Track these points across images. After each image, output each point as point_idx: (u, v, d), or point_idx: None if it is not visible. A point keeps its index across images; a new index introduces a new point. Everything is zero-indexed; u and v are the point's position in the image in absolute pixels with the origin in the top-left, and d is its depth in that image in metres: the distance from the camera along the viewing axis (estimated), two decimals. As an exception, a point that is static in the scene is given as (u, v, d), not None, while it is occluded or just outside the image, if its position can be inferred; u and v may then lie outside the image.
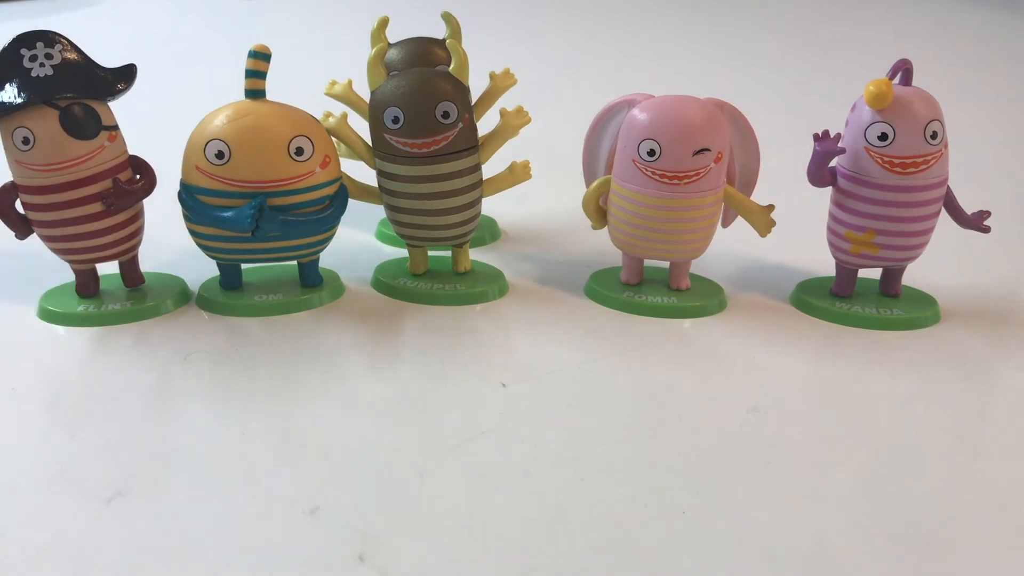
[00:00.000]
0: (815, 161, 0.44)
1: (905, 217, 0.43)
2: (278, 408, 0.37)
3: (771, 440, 0.36)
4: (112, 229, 0.42)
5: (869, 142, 0.43)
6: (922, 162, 0.42)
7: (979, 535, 0.31)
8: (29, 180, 0.40)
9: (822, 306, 0.46)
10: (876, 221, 0.44)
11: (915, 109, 0.42)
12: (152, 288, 0.45)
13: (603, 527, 0.31)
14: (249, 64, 0.42)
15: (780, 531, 0.31)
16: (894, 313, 0.45)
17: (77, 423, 0.35)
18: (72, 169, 0.40)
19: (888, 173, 0.43)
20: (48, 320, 0.43)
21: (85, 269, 0.43)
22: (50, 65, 0.39)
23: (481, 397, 0.38)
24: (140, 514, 0.30)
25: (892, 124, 0.42)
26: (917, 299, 0.47)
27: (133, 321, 0.43)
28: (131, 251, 0.44)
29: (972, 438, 0.37)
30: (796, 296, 0.47)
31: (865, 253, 0.45)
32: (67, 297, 0.44)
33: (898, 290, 0.47)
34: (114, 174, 0.41)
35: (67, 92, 0.40)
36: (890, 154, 0.42)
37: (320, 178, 0.42)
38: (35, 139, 0.39)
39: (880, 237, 0.44)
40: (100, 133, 0.40)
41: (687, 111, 0.43)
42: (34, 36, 0.40)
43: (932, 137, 0.42)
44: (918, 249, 0.45)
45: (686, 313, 0.46)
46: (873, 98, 0.42)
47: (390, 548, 0.29)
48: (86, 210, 0.41)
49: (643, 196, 0.44)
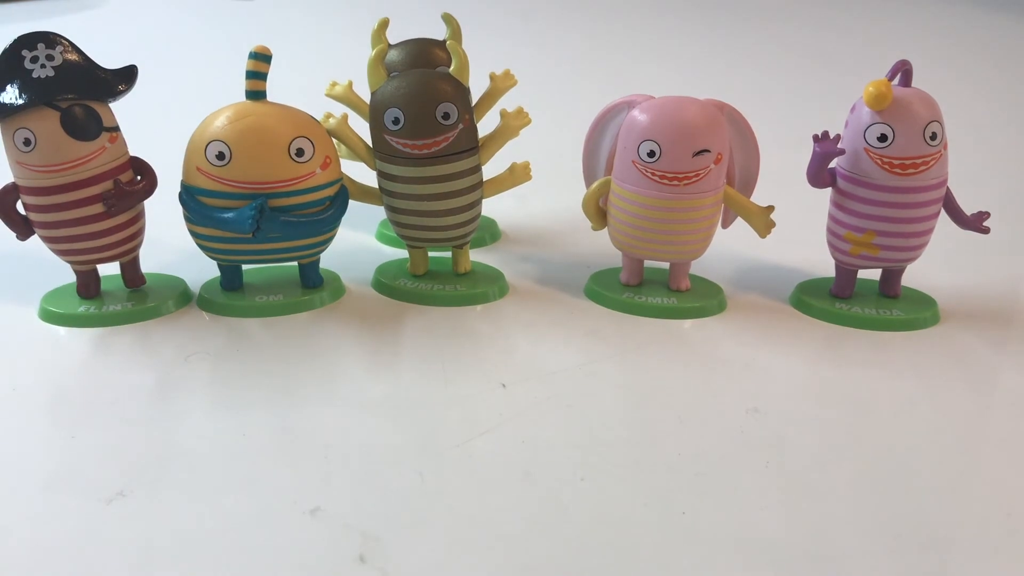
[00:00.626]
0: (815, 162, 0.44)
1: (904, 218, 0.43)
2: (279, 409, 0.37)
3: (771, 441, 0.36)
4: (113, 230, 0.42)
5: (868, 143, 0.43)
6: (921, 163, 0.42)
7: (979, 536, 0.31)
8: (30, 181, 0.40)
9: (821, 307, 0.46)
10: (875, 222, 0.44)
11: (914, 110, 0.42)
12: (153, 289, 0.45)
13: (603, 528, 0.31)
14: (249, 65, 0.42)
15: (780, 531, 0.31)
16: (893, 314, 0.45)
17: (77, 424, 0.35)
18: (73, 170, 0.40)
19: (887, 174, 0.43)
20: (49, 321, 0.43)
21: (86, 270, 0.43)
22: (51, 66, 0.39)
23: (481, 398, 0.38)
24: (141, 515, 0.30)
25: (891, 125, 0.42)
26: (916, 300, 0.47)
27: (134, 322, 0.43)
28: (132, 252, 0.44)
29: (972, 439, 0.37)
30: (796, 297, 0.47)
31: (864, 254, 0.45)
32: (68, 298, 0.44)
33: (898, 291, 0.47)
34: (115, 175, 0.41)
35: (68, 93, 0.40)
36: (889, 155, 0.42)
37: (321, 179, 0.43)
38: (36, 140, 0.39)
39: (879, 238, 0.44)
40: (101, 134, 0.40)
41: (687, 112, 0.43)
42: (35, 37, 0.40)
43: (931, 138, 0.42)
44: (918, 250, 0.45)
45: (686, 314, 0.46)
46: (872, 99, 0.42)
47: (390, 548, 0.29)
48: (87, 211, 0.41)
49: (643, 197, 0.44)
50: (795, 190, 0.48)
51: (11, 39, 0.40)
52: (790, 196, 0.48)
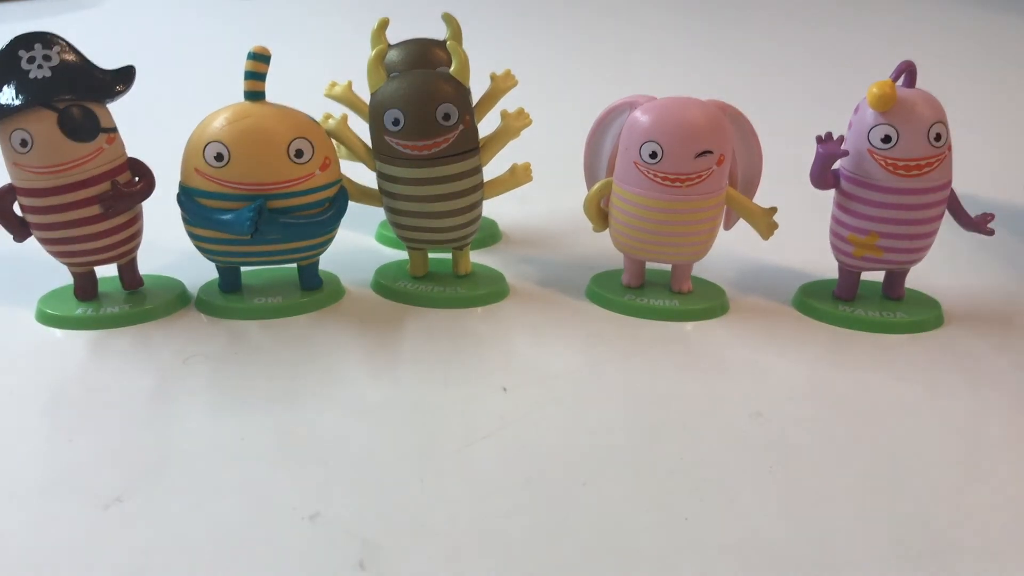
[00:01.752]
0: (818, 163, 0.44)
1: (908, 220, 0.43)
2: (277, 412, 0.37)
3: (774, 445, 0.36)
4: (110, 232, 0.42)
5: (872, 144, 0.42)
6: (925, 164, 0.42)
7: (984, 539, 0.31)
8: (27, 182, 0.40)
9: (825, 309, 0.46)
10: (879, 224, 0.43)
11: (919, 111, 0.42)
12: (151, 291, 0.45)
13: (605, 532, 0.30)
14: (248, 66, 0.42)
15: (784, 536, 0.31)
16: (897, 316, 0.45)
17: (75, 427, 0.35)
18: (70, 171, 0.40)
19: (891, 176, 0.42)
20: (46, 323, 0.43)
21: (83, 272, 0.43)
22: (48, 67, 0.39)
23: (482, 401, 0.38)
24: (139, 520, 0.30)
25: (895, 126, 0.42)
26: (920, 302, 0.47)
27: (132, 324, 0.43)
28: (130, 254, 0.44)
29: (976, 442, 0.37)
30: (799, 299, 0.47)
31: (868, 256, 0.44)
32: (65, 300, 0.43)
33: (901, 293, 0.46)
34: (113, 176, 0.41)
35: (65, 94, 0.39)
36: (893, 156, 0.42)
37: (320, 180, 0.42)
38: (33, 141, 0.39)
39: (883, 240, 0.44)
40: (99, 135, 0.40)
41: (689, 113, 0.42)
42: (32, 37, 0.39)
43: (936, 139, 0.42)
44: (921, 252, 0.45)
45: (688, 316, 0.45)
46: (877, 100, 0.42)
47: (390, 554, 0.29)
48: (84, 212, 0.41)
49: (645, 199, 0.44)
50: (798, 191, 0.47)
51: (8, 39, 0.39)
52: (793, 197, 0.48)
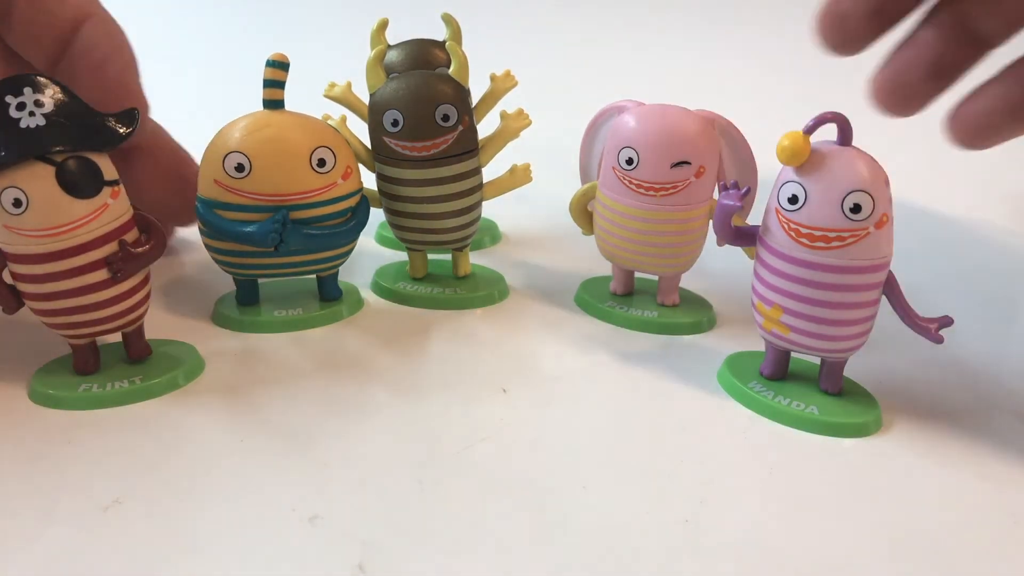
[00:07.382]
0: (716, 215, 0.38)
1: (814, 300, 0.36)
2: (276, 415, 0.36)
3: (774, 448, 0.36)
4: (117, 299, 0.36)
5: (779, 202, 0.36)
6: (835, 237, 0.35)
7: (986, 546, 0.31)
8: (21, 248, 0.34)
9: (736, 386, 0.39)
10: (782, 297, 0.36)
11: (835, 174, 0.34)
12: (160, 358, 0.39)
13: (605, 535, 0.30)
14: (267, 74, 0.41)
15: (784, 540, 0.31)
16: (807, 410, 0.37)
17: (74, 429, 0.35)
18: (72, 233, 0.34)
19: (793, 243, 0.36)
20: (44, 404, 0.36)
21: (84, 344, 0.38)
22: (41, 113, 0.33)
23: (481, 403, 0.38)
24: (137, 522, 0.30)
25: (804, 186, 0.35)
26: (856, 400, 0.38)
27: (145, 400, 0.37)
28: (137, 321, 0.38)
29: (979, 444, 0.37)
30: (722, 370, 0.41)
31: (775, 332, 0.38)
32: (65, 374, 0.38)
33: (832, 387, 0.38)
34: (120, 235, 0.36)
35: (63, 144, 0.34)
36: (796, 221, 0.35)
37: (342, 190, 0.42)
38: (28, 200, 0.33)
39: (787, 317, 0.37)
40: (103, 190, 0.35)
41: (669, 121, 0.41)
42: (21, 81, 0.33)
43: (852, 210, 0.34)
44: (842, 342, 0.36)
45: (665, 329, 0.44)
46: (782, 152, 0.35)
47: (390, 557, 0.29)
48: (88, 279, 0.35)
49: (621, 205, 0.43)
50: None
51: None
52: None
